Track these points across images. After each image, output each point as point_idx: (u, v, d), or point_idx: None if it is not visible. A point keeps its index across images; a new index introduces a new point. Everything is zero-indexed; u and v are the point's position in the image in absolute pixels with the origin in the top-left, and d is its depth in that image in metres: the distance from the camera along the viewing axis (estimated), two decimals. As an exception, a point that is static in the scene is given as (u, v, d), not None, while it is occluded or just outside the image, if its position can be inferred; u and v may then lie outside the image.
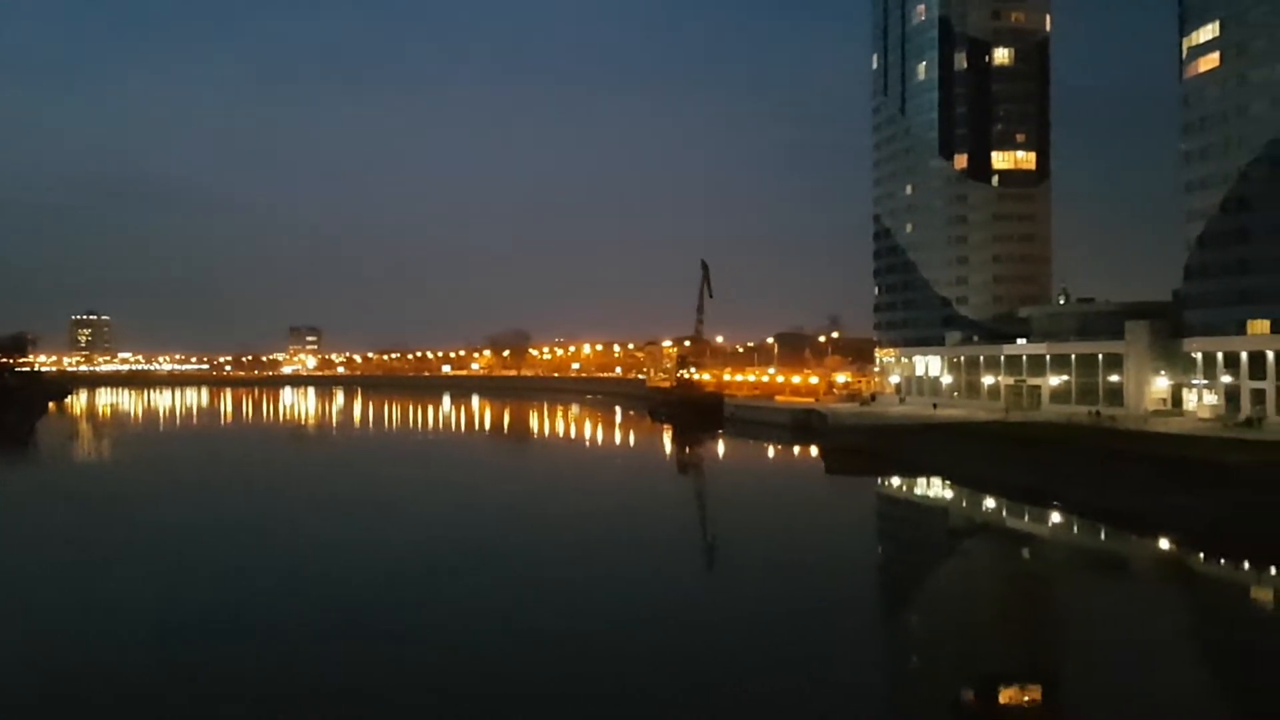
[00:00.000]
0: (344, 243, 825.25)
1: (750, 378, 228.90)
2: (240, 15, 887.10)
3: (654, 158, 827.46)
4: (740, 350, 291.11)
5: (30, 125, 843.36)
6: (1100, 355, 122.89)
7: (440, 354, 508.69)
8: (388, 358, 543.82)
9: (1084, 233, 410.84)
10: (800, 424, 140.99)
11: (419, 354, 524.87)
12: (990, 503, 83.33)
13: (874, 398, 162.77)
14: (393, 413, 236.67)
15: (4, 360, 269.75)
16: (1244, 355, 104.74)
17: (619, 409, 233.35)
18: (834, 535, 68.90)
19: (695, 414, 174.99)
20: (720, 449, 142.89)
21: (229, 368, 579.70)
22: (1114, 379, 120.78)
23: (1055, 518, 74.06)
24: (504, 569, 54.62)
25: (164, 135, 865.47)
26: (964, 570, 60.84)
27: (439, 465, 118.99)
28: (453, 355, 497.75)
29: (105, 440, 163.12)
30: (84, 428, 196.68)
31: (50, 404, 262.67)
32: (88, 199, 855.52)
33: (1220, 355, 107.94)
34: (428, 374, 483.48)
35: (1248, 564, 57.17)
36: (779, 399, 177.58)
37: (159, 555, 59.17)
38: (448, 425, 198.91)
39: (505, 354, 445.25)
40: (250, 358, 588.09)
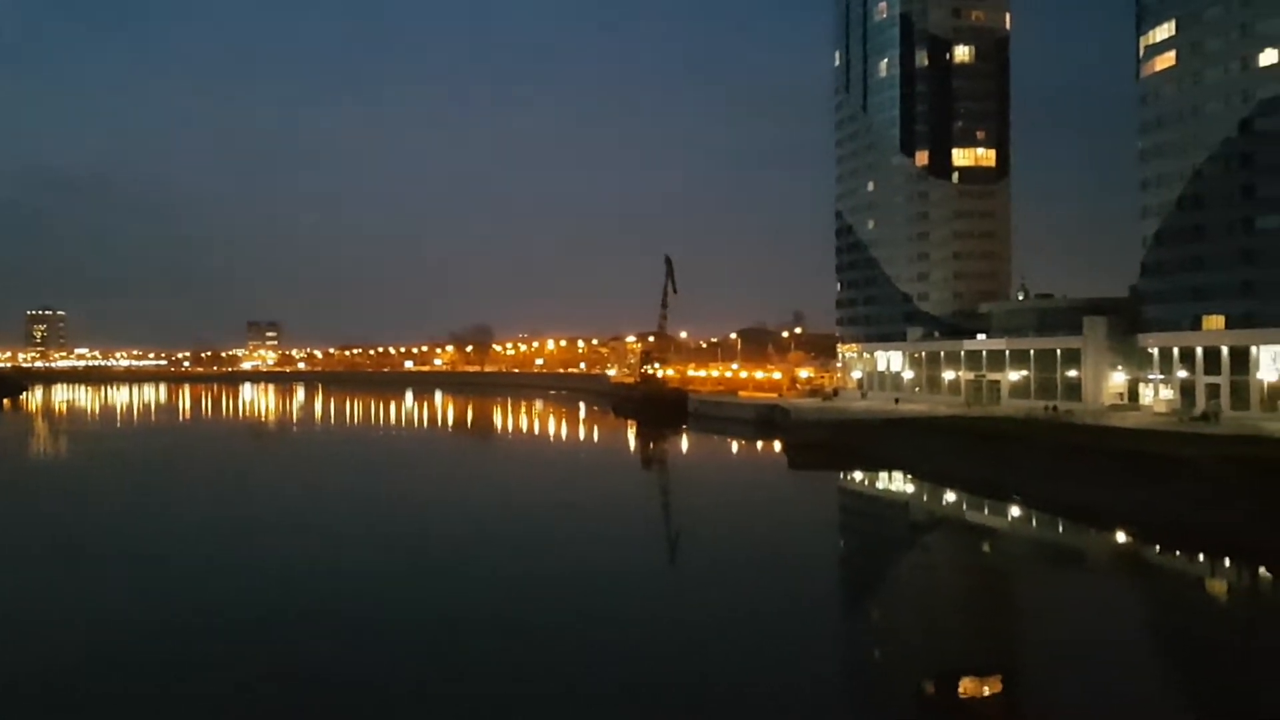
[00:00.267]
0: (303, 238, 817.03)
1: (714, 373, 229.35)
2: (196, 7, 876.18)
3: (617, 154, 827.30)
4: (704, 346, 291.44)
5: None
6: (1058, 350, 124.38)
7: (403, 350, 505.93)
8: (349, 353, 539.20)
9: (1043, 230, 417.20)
10: (764, 419, 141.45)
11: (381, 350, 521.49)
12: (951, 497, 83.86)
13: (836, 393, 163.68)
14: (354, 409, 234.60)
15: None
16: (1199, 350, 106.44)
17: (583, 405, 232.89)
18: (797, 530, 69.01)
19: (659, 410, 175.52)
20: (684, 445, 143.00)
21: (187, 364, 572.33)
22: (1072, 374, 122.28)
23: (1015, 511, 74.74)
24: (463, 567, 54.13)
25: (119, 128, 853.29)
26: (925, 564, 61.23)
27: (399, 462, 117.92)
28: (415, 351, 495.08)
29: (62, 437, 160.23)
30: (39, 424, 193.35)
31: (4, 400, 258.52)
32: (39, 193, 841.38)
33: (1176, 350, 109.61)
34: (390, 370, 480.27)
35: (1203, 556, 57.96)
36: (742, 394, 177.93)
37: (108, 554, 58.17)
38: (410, 421, 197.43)
39: (469, 350, 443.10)
40: (209, 354, 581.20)
